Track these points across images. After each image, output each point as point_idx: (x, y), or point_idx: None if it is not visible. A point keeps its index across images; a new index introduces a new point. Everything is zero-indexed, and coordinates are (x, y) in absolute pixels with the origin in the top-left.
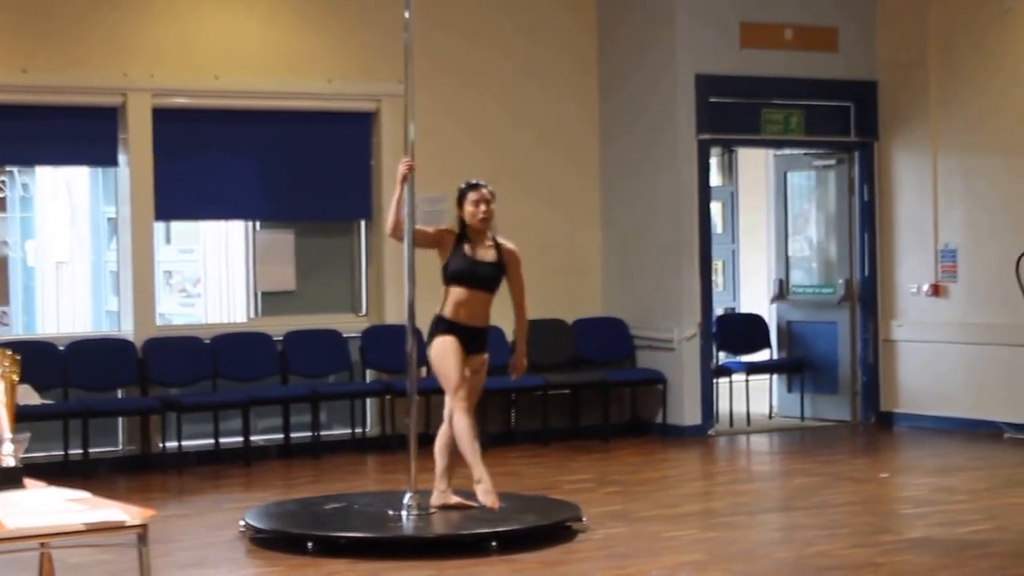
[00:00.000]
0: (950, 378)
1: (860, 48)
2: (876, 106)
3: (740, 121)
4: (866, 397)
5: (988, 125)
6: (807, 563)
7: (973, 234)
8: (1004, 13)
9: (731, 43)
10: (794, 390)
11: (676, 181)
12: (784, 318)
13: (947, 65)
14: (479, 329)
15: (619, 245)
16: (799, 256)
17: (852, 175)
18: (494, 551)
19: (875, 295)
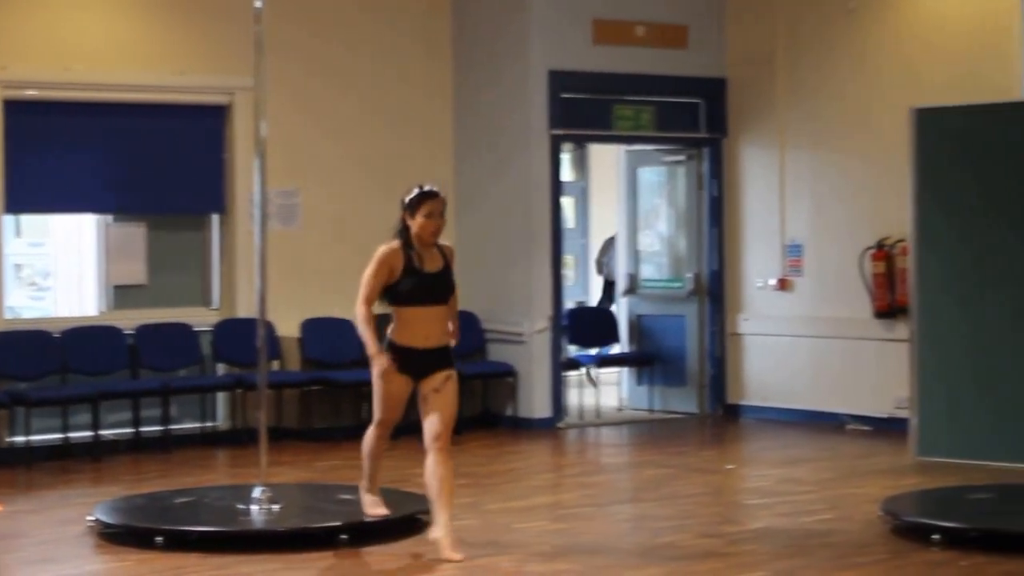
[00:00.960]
0: (795, 371)
1: (710, 45)
2: (725, 103)
3: (592, 117)
4: (713, 389)
5: (834, 122)
6: (655, 553)
7: (819, 229)
8: (849, 12)
9: (584, 39)
10: (643, 383)
11: (528, 176)
12: (634, 311)
13: (794, 63)
14: (439, 349)
15: (471, 239)
16: (649, 251)
17: (701, 171)
18: (344, 544)
19: (723, 289)
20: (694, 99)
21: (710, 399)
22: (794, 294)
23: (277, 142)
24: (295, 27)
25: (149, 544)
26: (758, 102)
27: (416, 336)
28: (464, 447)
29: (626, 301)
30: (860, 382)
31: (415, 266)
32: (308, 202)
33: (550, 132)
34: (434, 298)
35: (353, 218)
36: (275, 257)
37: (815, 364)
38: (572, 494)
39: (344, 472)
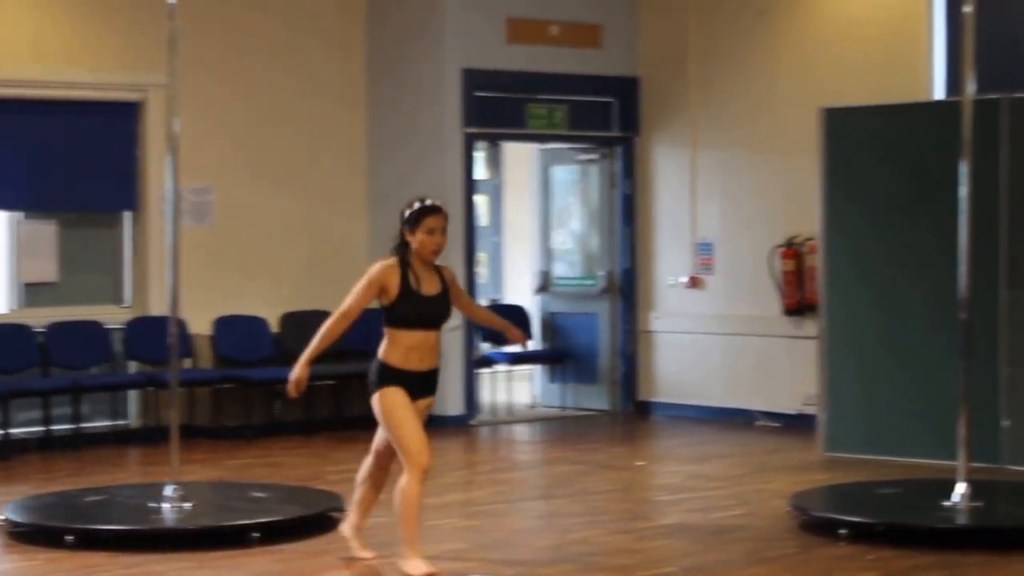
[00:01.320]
0: (705, 368)
1: (623, 45)
2: (638, 102)
3: (506, 115)
4: (625, 387)
5: (745, 122)
6: (566, 550)
7: (729, 228)
8: (760, 14)
9: (498, 38)
10: (556, 380)
11: (442, 174)
12: (547, 309)
13: (706, 63)
14: (432, 372)
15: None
16: (562, 249)
17: (614, 169)
18: (256, 542)
19: (635, 287)
20: (607, 98)
21: (622, 396)
22: (705, 292)
23: (190, 140)
24: (208, 25)
25: (59, 543)
26: (670, 101)
27: (410, 359)
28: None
29: (539, 299)
30: (770, 379)
31: (412, 287)
32: (221, 200)
33: (464, 130)
34: (430, 322)
35: (266, 216)
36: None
37: (725, 361)
38: (484, 491)
39: (256, 470)
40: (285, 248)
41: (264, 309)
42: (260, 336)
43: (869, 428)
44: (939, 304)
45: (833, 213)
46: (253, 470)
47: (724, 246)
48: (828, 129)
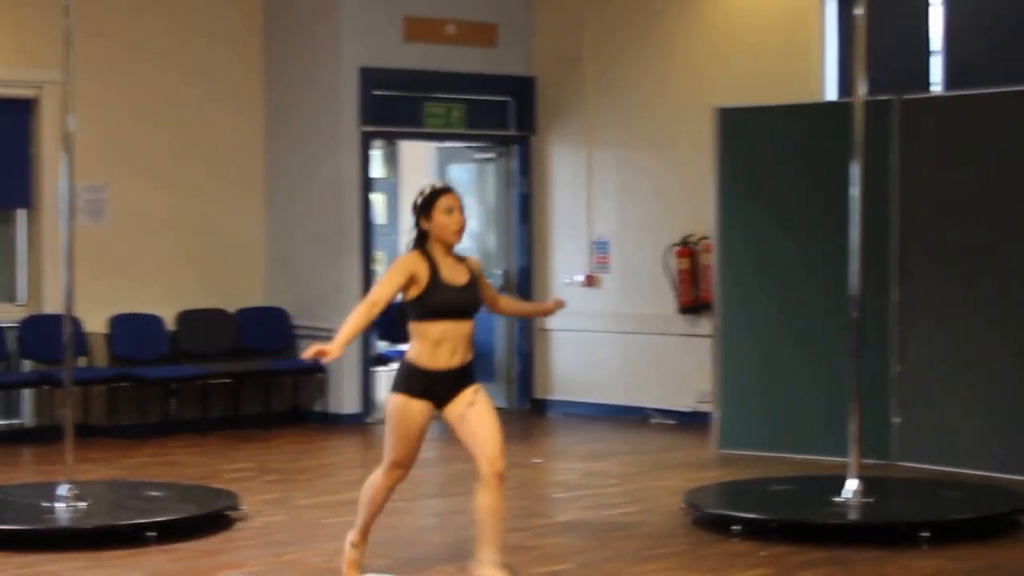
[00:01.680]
0: (601, 366)
1: (519, 44)
2: (534, 101)
3: (403, 114)
4: (521, 385)
5: (641, 120)
6: (463, 547)
7: (625, 227)
8: (656, 14)
9: (395, 37)
10: None
11: (339, 172)
12: None
13: (602, 62)
14: (464, 367)
15: (282, 235)
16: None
17: (511, 168)
18: (152, 541)
19: (531, 286)
20: (504, 97)
21: (518, 394)
22: (601, 290)
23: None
24: (102, 24)
25: None
26: (567, 101)
27: (440, 354)
28: (274, 443)
29: None
30: (664, 376)
31: (441, 277)
32: (116, 198)
33: (361, 129)
34: (462, 312)
35: (162, 214)
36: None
37: (621, 359)
38: None
39: (151, 469)
40: (181, 246)
41: (160, 307)
42: (156, 335)
43: (763, 425)
44: (831, 302)
45: (727, 212)
46: (149, 469)
47: (620, 245)
48: (722, 129)
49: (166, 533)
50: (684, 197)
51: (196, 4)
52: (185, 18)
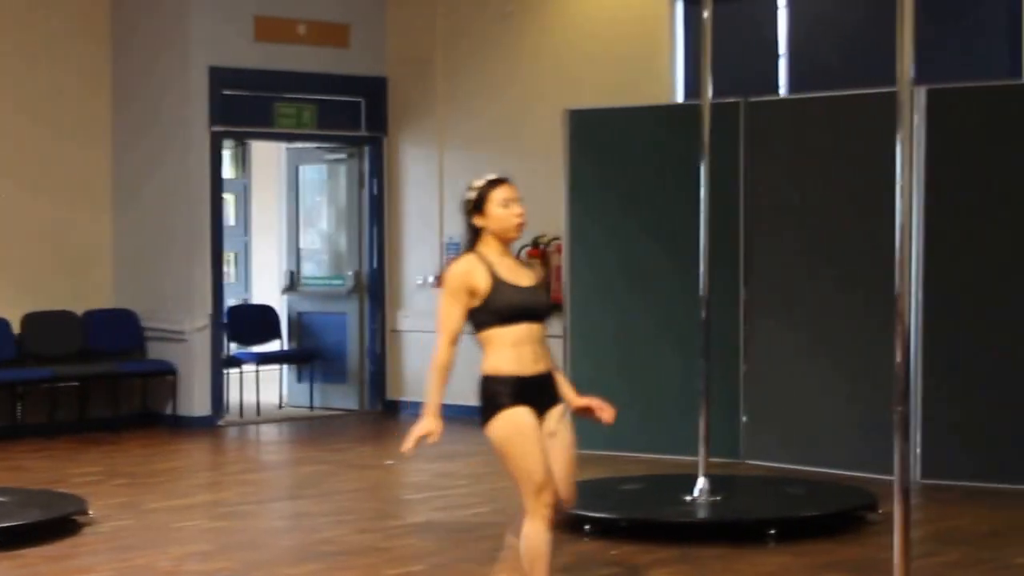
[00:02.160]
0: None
1: (371, 45)
2: (386, 102)
3: (254, 114)
4: (373, 386)
5: (491, 122)
6: (313, 550)
7: None
8: (505, 16)
9: (246, 36)
10: (304, 380)
11: (189, 172)
12: (295, 309)
13: (454, 64)
14: (545, 376)
15: (131, 236)
16: (310, 248)
17: (362, 169)
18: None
19: (383, 287)
20: (355, 98)
21: (370, 396)
22: None
23: None
24: None
25: None
26: (418, 102)
27: (523, 358)
28: (123, 447)
29: (287, 298)
30: None
31: (502, 277)
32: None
33: (211, 129)
34: (533, 314)
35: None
36: None
37: (473, 360)
38: (232, 492)
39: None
40: (27, 247)
41: (5, 310)
42: (1, 337)
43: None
44: (680, 302)
45: (577, 213)
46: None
47: None
48: (573, 130)
49: (11, 539)
50: (535, 198)
51: (44, 6)
52: (30, 14)
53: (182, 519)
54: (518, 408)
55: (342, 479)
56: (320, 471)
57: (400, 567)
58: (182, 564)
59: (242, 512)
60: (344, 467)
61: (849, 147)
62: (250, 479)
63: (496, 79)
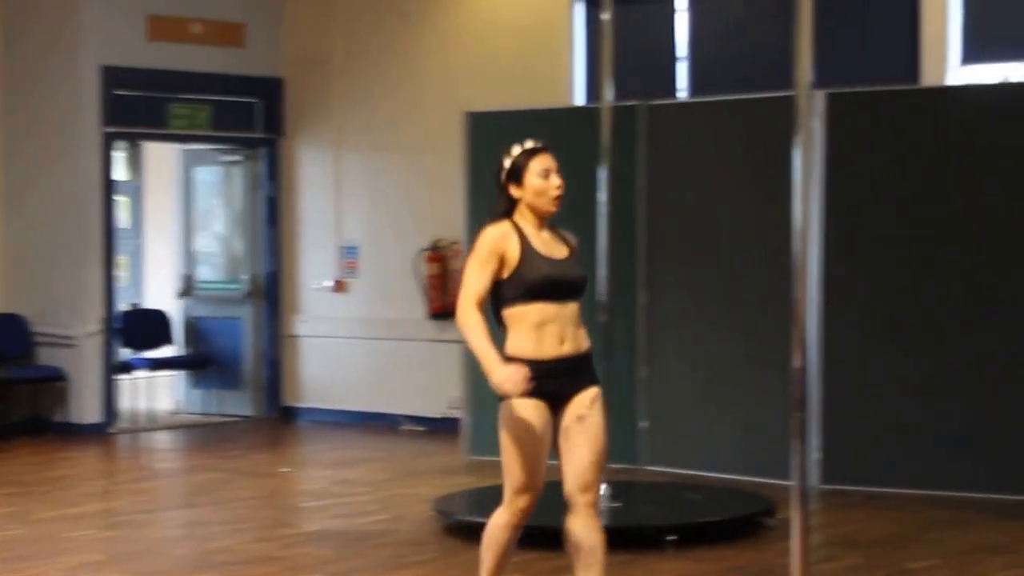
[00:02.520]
0: (351, 372)
1: (267, 45)
2: (282, 103)
3: (147, 115)
4: (269, 392)
5: (390, 125)
6: (208, 559)
7: (374, 231)
8: (404, 16)
9: (139, 35)
10: (199, 386)
11: (80, 174)
12: (189, 314)
13: (351, 65)
14: (580, 356)
15: (21, 239)
16: (205, 252)
17: (258, 171)
18: None
19: (279, 291)
20: (251, 99)
21: (266, 402)
22: (350, 295)
23: None
24: None
25: None
26: (315, 103)
27: (547, 340)
28: (12, 454)
29: (181, 303)
30: (414, 383)
31: (535, 248)
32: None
33: (103, 130)
34: (566, 290)
35: None
36: None
37: (370, 365)
38: (124, 501)
39: None
40: None
41: None
42: None
43: None
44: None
45: (477, 217)
46: None
47: (369, 249)
48: (472, 133)
49: None
50: (434, 202)
51: None
52: None
53: (73, 529)
54: (527, 402)
55: (238, 487)
56: (215, 479)
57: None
58: (74, 574)
59: (135, 521)
60: (239, 475)
61: (748, 151)
62: (143, 487)
63: (394, 80)
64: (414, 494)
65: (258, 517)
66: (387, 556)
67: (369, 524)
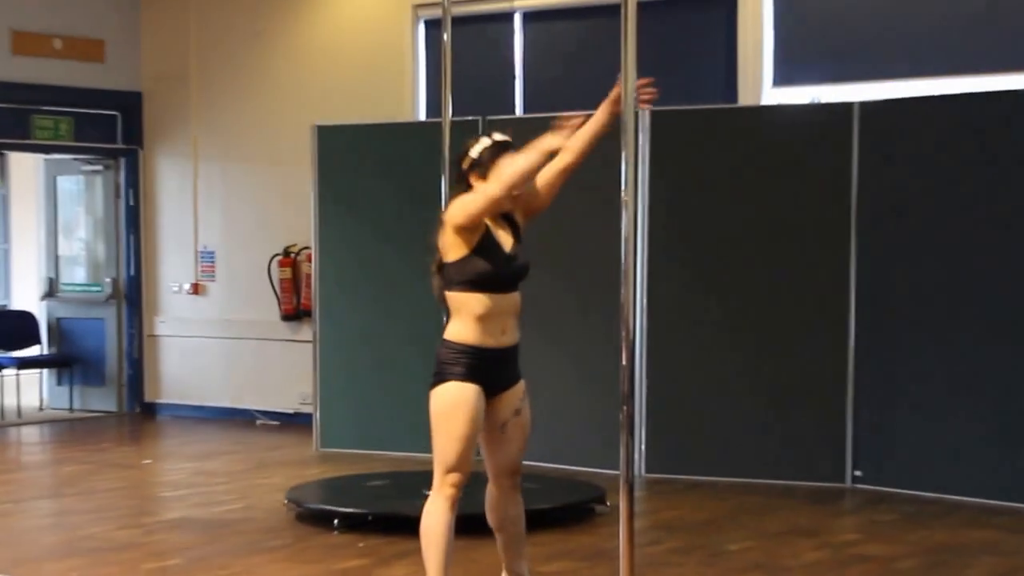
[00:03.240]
0: (209, 370)
1: (126, 60)
2: (141, 116)
3: (11, 126)
4: (132, 388)
5: (244, 136)
6: (76, 546)
7: (230, 237)
8: (257, 34)
9: (3, 49)
10: (64, 383)
11: None
12: (54, 315)
13: (207, 80)
14: (512, 349)
15: None
16: (69, 256)
17: (119, 180)
18: None
19: (140, 293)
20: (111, 111)
21: (128, 398)
22: (207, 298)
23: None
24: None
25: None
26: (173, 116)
27: (490, 331)
28: None
29: (45, 304)
30: (269, 380)
31: (495, 239)
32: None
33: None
34: (509, 285)
35: None
36: None
37: (228, 363)
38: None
39: None
40: None
41: None
42: None
43: (359, 425)
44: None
45: (326, 224)
46: None
47: (225, 254)
48: (320, 145)
49: None
50: (286, 209)
51: None
52: None
53: None
54: (466, 385)
55: (102, 478)
56: (81, 470)
57: (158, 561)
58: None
59: (2, 511)
60: (104, 466)
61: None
62: (11, 479)
63: (248, 95)
64: (269, 484)
65: (122, 506)
66: (243, 542)
67: (226, 512)
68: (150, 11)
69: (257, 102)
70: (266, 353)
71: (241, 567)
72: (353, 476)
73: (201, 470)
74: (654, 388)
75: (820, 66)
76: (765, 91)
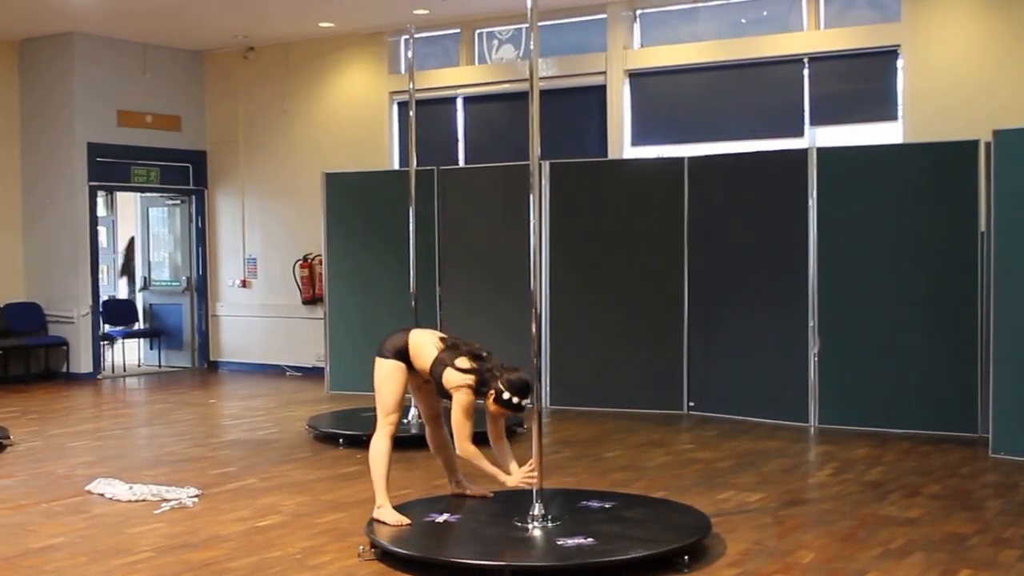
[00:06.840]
0: (253, 338)
1: (195, 129)
2: (206, 166)
3: (118, 174)
4: (201, 351)
5: (276, 179)
6: (163, 459)
7: (267, 248)
8: (284, 111)
9: (111, 121)
10: (154, 348)
11: (75, 214)
12: (148, 301)
13: (251, 141)
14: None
15: (37, 251)
16: (158, 261)
17: (191, 211)
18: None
19: (206, 286)
20: (186, 164)
21: (199, 358)
22: (252, 290)
23: None
24: None
25: None
26: (227, 166)
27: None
28: (33, 395)
29: (142, 294)
30: (294, 344)
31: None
32: None
33: (88, 184)
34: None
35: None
36: None
37: (266, 334)
38: (107, 422)
39: None
40: None
41: None
42: None
43: (357, 374)
44: (398, 295)
45: (332, 240)
46: None
47: (264, 260)
48: (328, 186)
49: None
50: (304, 229)
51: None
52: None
53: (74, 440)
54: (395, 362)
55: (181, 412)
56: (166, 407)
57: (220, 468)
58: (74, 470)
59: (114, 435)
60: (182, 404)
61: (503, 200)
62: (119, 413)
63: (278, 151)
64: (294, 415)
65: (195, 431)
66: (277, 455)
67: (266, 435)
68: (211, 96)
69: (284, 156)
70: (292, 326)
71: (276, 472)
72: (353, 409)
73: (248, 406)
74: (555, 346)
75: (662, 132)
76: (626, 149)
